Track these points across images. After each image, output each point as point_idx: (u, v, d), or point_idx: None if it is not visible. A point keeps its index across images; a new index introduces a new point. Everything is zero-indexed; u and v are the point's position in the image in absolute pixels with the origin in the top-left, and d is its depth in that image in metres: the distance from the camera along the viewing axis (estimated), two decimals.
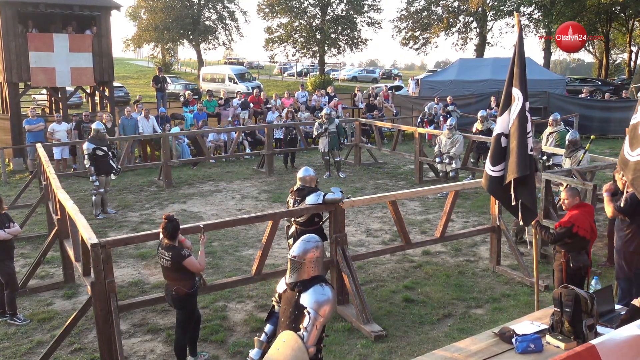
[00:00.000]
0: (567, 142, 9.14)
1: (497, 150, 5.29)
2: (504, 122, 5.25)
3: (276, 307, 4.12)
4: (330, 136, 13.33)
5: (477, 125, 13.53)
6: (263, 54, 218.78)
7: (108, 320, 5.05)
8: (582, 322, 3.95)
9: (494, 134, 5.38)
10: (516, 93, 5.13)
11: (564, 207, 5.82)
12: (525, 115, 5.11)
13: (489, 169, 5.37)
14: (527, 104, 5.15)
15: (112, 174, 10.71)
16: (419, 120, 17.85)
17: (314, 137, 14.13)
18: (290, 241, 6.69)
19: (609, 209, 5.73)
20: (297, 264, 3.78)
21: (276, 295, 4.11)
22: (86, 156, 10.41)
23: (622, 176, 5.70)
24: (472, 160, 13.04)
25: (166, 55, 49.84)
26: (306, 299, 3.73)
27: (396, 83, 31.50)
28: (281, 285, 4.06)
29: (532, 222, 5.60)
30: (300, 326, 3.68)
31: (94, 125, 10.76)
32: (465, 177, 12.39)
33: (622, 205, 5.56)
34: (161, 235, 5.13)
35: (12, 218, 6.80)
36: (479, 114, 13.65)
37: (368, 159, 15.61)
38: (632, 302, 4.10)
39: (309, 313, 3.67)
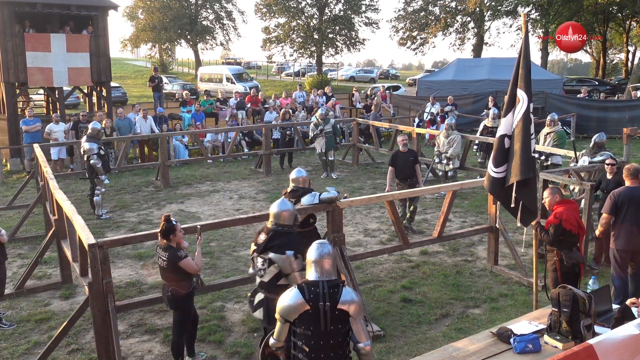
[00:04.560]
0: (592, 142, 9.11)
1: (500, 151, 5.28)
2: (508, 124, 5.23)
3: None
4: (327, 136, 13.34)
5: (487, 122, 13.12)
6: (261, 54, 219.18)
7: (105, 321, 5.04)
8: (579, 322, 3.96)
9: (498, 135, 5.37)
10: (521, 94, 5.11)
11: (546, 207, 5.83)
12: (530, 117, 5.11)
13: (491, 169, 5.37)
14: (532, 105, 5.16)
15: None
16: (417, 121, 17.83)
17: (310, 138, 14.11)
18: None
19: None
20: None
21: None
22: (94, 156, 10.28)
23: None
24: (480, 160, 12.97)
25: (164, 55, 49.77)
26: None
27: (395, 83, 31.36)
28: None
29: (533, 223, 5.62)
30: None
31: (92, 125, 10.71)
32: (473, 177, 12.32)
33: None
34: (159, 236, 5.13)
35: None
36: (491, 111, 13.31)
37: (366, 159, 15.61)
38: (626, 302, 4.13)
39: None
